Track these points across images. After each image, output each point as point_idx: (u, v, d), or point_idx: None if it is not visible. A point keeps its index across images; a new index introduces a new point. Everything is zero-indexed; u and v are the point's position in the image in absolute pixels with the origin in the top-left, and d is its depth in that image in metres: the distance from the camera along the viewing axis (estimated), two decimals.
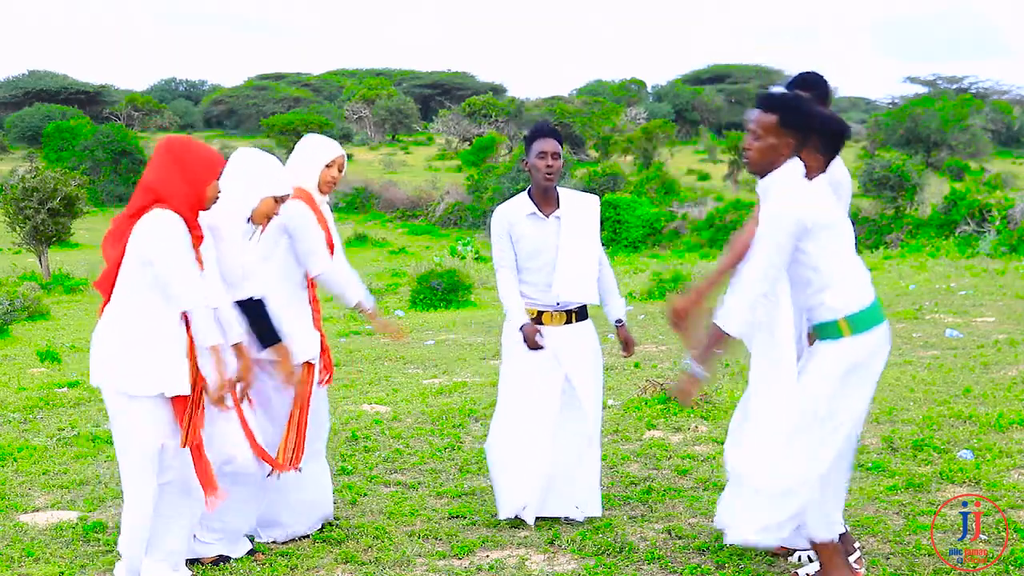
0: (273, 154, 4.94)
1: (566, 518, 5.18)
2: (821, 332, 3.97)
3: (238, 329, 4.37)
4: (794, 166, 3.96)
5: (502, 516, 5.12)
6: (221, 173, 4.23)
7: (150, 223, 4.09)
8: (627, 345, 5.24)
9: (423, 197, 42.35)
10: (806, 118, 3.95)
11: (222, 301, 4.31)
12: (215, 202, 4.24)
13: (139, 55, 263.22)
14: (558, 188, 5.13)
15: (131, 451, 4.15)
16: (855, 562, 4.27)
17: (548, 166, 5.01)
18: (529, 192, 5.12)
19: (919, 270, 19.81)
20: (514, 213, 5.10)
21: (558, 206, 5.09)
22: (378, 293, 19.42)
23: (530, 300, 5.13)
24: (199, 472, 4.25)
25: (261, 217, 4.54)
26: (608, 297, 5.22)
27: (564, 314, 5.11)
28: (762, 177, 4.01)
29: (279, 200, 4.54)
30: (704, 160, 57.99)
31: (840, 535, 4.21)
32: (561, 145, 5.09)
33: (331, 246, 4.94)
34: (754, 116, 4.00)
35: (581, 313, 5.17)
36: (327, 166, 4.89)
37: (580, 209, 5.12)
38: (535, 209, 5.07)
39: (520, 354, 5.09)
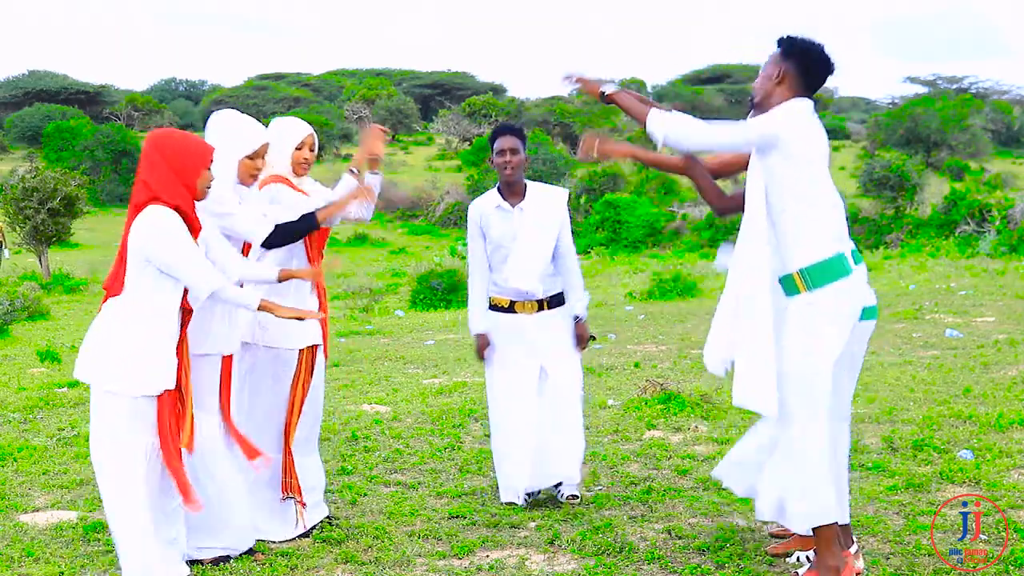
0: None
1: (559, 493, 5.34)
2: (783, 287, 4.01)
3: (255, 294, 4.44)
4: (806, 103, 4.03)
5: (503, 500, 5.39)
6: (211, 163, 4.24)
7: (145, 220, 4.12)
8: (580, 340, 5.46)
9: (423, 197, 42.37)
10: (804, 43, 4.05)
11: (236, 275, 4.43)
12: (208, 191, 4.26)
13: (139, 55, 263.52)
14: (528, 182, 5.43)
15: (114, 450, 4.15)
16: (853, 556, 4.27)
17: (506, 162, 5.33)
18: (498, 187, 5.43)
19: (919, 270, 19.82)
20: (484, 206, 5.43)
21: (524, 198, 5.38)
22: (378, 293, 19.45)
23: (501, 290, 5.40)
24: (176, 477, 4.19)
25: (245, 178, 4.60)
26: (569, 292, 5.45)
27: (535, 303, 5.37)
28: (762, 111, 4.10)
29: (253, 157, 4.57)
30: None
31: (843, 526, 4.24)
32: (523, 141, 5.40)
33: (323, 229, 4.97)
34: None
35: (553, 301, 5.40)
36: (297, 148, 4.90)
37: (545, 202, 5.39)
38: (501, 201, 5.38)
39: (498, 344, 5.40)
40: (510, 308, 5.38)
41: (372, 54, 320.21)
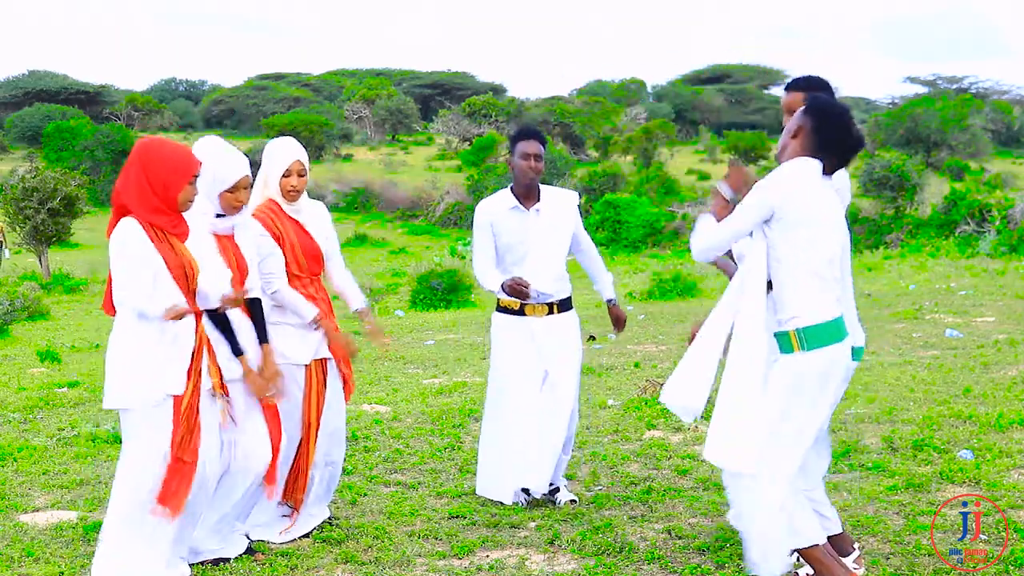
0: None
1: (556, 500, 5.36)
2: (777, 343, 3.94)
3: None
4: (809, 162, 3.94)
5: (479, 492, 5.47)
6: (195, 176, 4.18)
7: (113, 236, 4.10)
8: (617, 322, 5.59)
9: (423, 197, 42.40)
10: (826, 103, 3.98)
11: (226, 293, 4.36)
12: (191, 204, 4.20)
13: (139, 55, 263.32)
14: (540, 186, 5.46)
15: (127, 459, 4.16)
16: (854, 562, 4.26)
17: (531, 167, 5.35)
18: (511, 188, 5.44)
19: (919, 270, 19.83)
20: (496, 207, 5.43)
21: (539, 200, 5.42)
22: (378, 293, 19.44)
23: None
24: (175, 483, 4.15)
25: (228, 209, 4.51)
26: (597, 277, 5.57)
27: (545, 306, 5.37)
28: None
29: (233, 190, 4.47)
30: (704, 160, 58.03)
31: (838, 535, 4.22)
32: (544, 146, 5.43)
33: (315, 255, 4.88)
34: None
35: (563, 305, 5.41)
36: (284, 176, 4.79)
37: (559, 204, 5.45)
38: (516, 203, 5.39)
39: (505, 347, 5.41)
40: (520, 311, 5.35)
41: (372, 54, 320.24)
